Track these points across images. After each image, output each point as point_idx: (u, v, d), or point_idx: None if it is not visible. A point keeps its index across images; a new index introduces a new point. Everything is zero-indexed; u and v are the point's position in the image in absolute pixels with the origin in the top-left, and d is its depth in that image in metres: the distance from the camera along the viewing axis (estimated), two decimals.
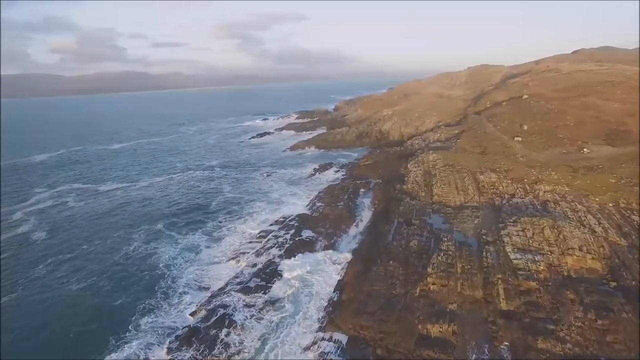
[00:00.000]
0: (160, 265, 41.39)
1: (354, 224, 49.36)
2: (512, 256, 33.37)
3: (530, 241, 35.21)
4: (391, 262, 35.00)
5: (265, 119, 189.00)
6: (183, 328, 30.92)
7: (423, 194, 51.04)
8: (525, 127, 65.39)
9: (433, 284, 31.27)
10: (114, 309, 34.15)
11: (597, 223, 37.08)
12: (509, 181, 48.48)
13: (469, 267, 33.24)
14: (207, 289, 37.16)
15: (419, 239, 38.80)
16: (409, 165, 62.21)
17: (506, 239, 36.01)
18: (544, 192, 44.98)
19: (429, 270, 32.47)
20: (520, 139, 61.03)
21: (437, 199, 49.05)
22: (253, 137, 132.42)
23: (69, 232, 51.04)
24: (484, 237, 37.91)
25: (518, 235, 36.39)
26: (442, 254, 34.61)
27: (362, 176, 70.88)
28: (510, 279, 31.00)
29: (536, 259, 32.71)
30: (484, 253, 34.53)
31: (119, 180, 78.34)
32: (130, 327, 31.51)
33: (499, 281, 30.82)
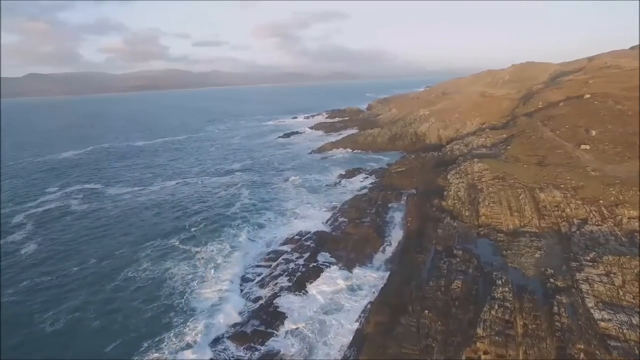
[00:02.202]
0: (161, 294, 34.77)
1: (381, 248, 41.08)
2: (596, 315, 24.18)
3: (622, 292, 25.80)
4: (426, 312, 26.63)
5: (295, 117, 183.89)
6: None
7: (467, 214, 42.04)
8: (594, 133, 54.49)
9: (485, 352, 22.73)
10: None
11: None
12: (579, 202, 38.53)
13: (534, 326, 24.37)
14: (199, 331, 30.23)
15: (464, 278, 30.12)
16: (449, 176, 53.13)
17: (585, 287, 26.75)
18: (629, 218, 34.93)
19: (479, 330, 23.88)
20: (587, 147, 50.38)
21: (485, 220, 39.96)
22: (280, 137, 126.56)
23: (63, 245, 45.37)
24: (551, 280, 28.74)
25: (602, 281, 27.04)
26: (495, 305, 25.85)
27: (393, 185, 62.35)
28: (598, 352, 21.95)
29: (634, 321, 23.39)
30: (556, 307, 25.44)
31: (131, 182, 73.74)
32: None
33: (582, 354, 21.87)
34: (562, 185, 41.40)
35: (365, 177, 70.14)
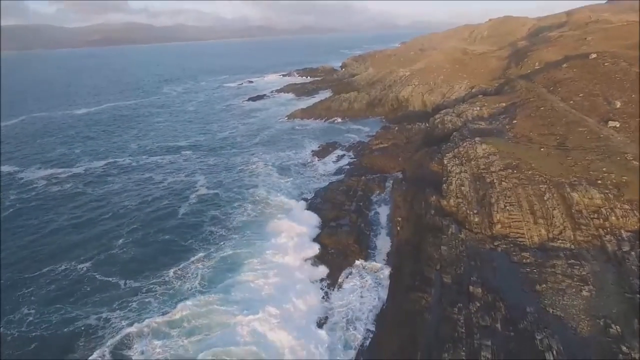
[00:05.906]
0: None
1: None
2: None
3: None
4: None
5: (263, 77, 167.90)
6: None
7: (476, 219, 32.14)
8: (618, 105, 44.79)
9: None
10: None
11: None
12: (626, 206, 29.01)
13: None
14: None
15: (492, 342, 20.46)
16: (445, 160, 42.65)
17: None
18: None
19: None
20: (617, 124, 40.74)
21: (501, 230, 30.25)
22: (245, 101, 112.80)
23: None
24: (623, 348, 19.45)
25: None
26: None
27: (375, 167, 52.28)
28: None
29: None
30: None
31: (52, 162, 59.68)
32: None
33: None
34: (599, 181, 31.73)
35: (342, 155, 59.42)
